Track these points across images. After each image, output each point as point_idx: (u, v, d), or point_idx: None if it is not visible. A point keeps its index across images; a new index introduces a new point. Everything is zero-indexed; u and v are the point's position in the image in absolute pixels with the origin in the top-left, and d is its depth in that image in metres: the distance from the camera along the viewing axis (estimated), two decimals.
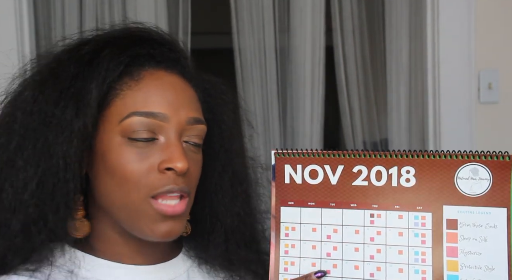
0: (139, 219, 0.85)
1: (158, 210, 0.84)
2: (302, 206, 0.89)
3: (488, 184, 0.84)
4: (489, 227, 0.83)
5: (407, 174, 0.87)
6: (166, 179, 0.84)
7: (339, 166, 0.89)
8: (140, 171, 0.84)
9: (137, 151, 0.84)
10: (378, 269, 0.86)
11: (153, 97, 0.85)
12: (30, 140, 0.83)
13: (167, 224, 0.86)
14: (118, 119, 0.84)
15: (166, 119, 0.85)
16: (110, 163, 0.84)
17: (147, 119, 0.84)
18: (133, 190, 0.84)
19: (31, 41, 2.17)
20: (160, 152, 0.84)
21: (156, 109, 0.85)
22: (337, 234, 0.88)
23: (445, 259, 0.84)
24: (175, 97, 0.87)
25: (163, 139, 0.85)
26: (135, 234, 0.88)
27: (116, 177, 0.84)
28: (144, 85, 0.86)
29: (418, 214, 0.86)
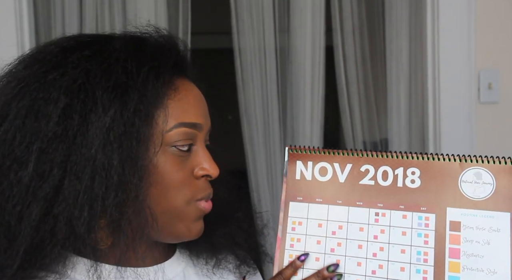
0: (180, 222, 0.88)
1: (201, 209, 0.90)
2: (310, 202, 0.91)
3: (492, 188, 0.85)
4: (492, 231, 0.84)
5: (412, 175, 0.88)
6: (203, 185, 0.90)
7: (348, 165, 0.91)
8: (183, 178, 0.87)
9: (179, 159, 0.87)
10: (380, 266, 0.87)
11: (192, 107, 0.88)
12: (110, 155, 0.80)
13: (200, 222, 0.91)
14: (163, 129, 0.85)
15: (201, 129, 0.90)
16: (155, 172, 0.84)
17: (190, 130, 0.87)
18: (177, 196, 0.87)
19: (31, 41, 2.17)
20: (194, 159, 0.89)
21: (196, 120, 0.88)
22: (342, 230, 0.89)
23: (447, 260, 0.85)
24: (203, 107, 0.92)
25: (196, 148, 0.90)
26: (164, 238, 0.90)
27: (160, 184, 0.85)
28: (183, 96, 0.88)
29: (422, 214, 0.87)
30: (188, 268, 0.98)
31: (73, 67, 0.82)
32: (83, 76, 0.81)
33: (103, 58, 0.83)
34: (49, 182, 0.79)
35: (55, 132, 0.79)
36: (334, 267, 0.88)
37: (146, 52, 0.86)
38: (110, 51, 0.85)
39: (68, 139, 0.79)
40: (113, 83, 0.81)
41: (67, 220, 0.79)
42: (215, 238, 0.99)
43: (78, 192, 0.79)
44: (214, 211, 0.97)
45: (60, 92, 0.80)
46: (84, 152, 0.79)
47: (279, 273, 0.90)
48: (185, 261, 0.98)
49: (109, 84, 0.81)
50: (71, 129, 0.79)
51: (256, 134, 2.38)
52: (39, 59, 0.86)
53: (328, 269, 0.88)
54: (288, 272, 0.90)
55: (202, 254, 0.99)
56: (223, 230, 1.00)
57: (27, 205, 0.79)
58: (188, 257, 0.99)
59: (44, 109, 0.80)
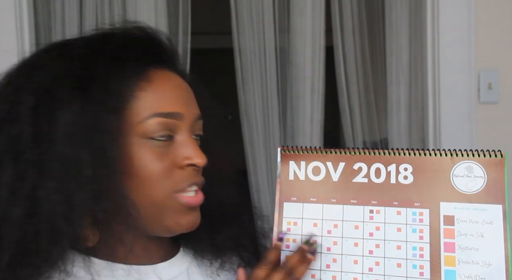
0: (165, 215, 0.87)
1: (184, 203, 0.87)
2: (304, 201, 0.91)
3: (483, 181, 0.86)
4: (485, 223, 0.85)
5: (405, 171, 0.89)
6: (187, 175, 0.88)
7: (341, 163, 0.91)
8: (162, 169, 0.86)
9: (157, 150, 0.86)
10: (376, 263, 0.87)
11: (169, 97, 0.87)
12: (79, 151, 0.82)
13: (191, 215, 0.89)
14: (137, 121, 0.85)
15: (182, 118, 0.88)
16: (132, 165, 0.85)
17: (167, 120, 0.86)
18: (157, 188, 0.85)
19: (31, 41, 2.17)
20: (178, 150, 0.87)
21: (174, 109, 0.87)
22: (337, 229, 0.90)
23: (443, 255, 0.85)
24: (185, 96, 0.90)
25: (179, 137, 0.88)
26: (156, 231, 0.89)
27: (139, 177, 0.85)
28: (158, 86, 0.87)
29: (416, 210, 0.87)
30: (192, 267, 0.98)
31: (41, 69, 0.86)
32: (48, 76, 0.84)
33: (66, 57, 0.86)
34: (28, 182, 0.80)
35: (27, 132, 0.81)
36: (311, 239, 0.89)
37: (111, 47, 0.87)
38: (74, 49, 0.87)
39: (39, 139, 0.81)
40: (74, 80, 0.83)
41: (48, 218, 0.80)
42: (220, 239, 0.98)
43: (52, 190, 0.80)
44: (219, 211, 0.98)
45: (29, 93, 0.83)
46: (54, 150, 0.81)
47: (264, 258, 0.89)
48: (189, 260, 0.98)
49: (70, 81, 0.83)
50: (41, 129, 0.81)
51: (256, 134, 2.38)
52: (18, 64, 0.90)
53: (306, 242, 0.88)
54: (272, 255, 0.89)
55: (207, 255, 0.99)
56: (228, 231, 0.99)
57: (10, 205, 0.80)
58: (192, 257, 0.99)
59: (17, 111, 0.83)
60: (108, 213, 0.83)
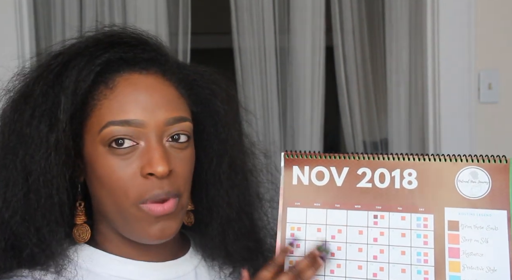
0: (133, 224, 0.86)
1: (149, 212, 0.85)
2: (308, 206, 0.91)
3: (488, 187, 0.86)
4: (490, 229, 0.85)
5: (409, 176, 0.88)
6: (151, 184, 0.84)
7: (345, 168, 0.91)
8: (125, 178, 0.84)
9: (120, 158, 0.84)
10: (381, 269, 0.87)
11: (127, 104, 0.85)
12: (11, 159, 0.86)
13: (160, 224, 0.86)
14: (97, 129, 0.85)
15: (142, 125, 0.84)
16: (98, 173, 0.86)
17: (123, 128, 0.84)
18: (121, 197, 0.85)
19: (31, 41, 2.17)
20: (141, 158, 0.85)
21: (131, 116, 0.84)
22: (341, 234, 0.89)
23: (447, 260, 0.85)
24: (150, 100, 0.86)
25: (143, 144, 0.85)
26: (132, 238, 0.89)
27: (105, 185, 0.85)
28: (119, 93, 0.86)
29: (420, 215, 0.87)
30: (200, 268, 0.98)
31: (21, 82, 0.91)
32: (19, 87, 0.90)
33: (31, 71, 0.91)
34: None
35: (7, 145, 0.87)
36: (322, 245, 0.88)
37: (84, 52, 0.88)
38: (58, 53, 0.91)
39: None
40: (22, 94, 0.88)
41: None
42: (233, 249, 0.98)
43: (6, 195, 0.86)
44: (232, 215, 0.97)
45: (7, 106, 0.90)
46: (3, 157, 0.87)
47: (271, 260, 0.88)
48: (197, 261, 0.99)
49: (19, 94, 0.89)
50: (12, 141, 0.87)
51: (256, 134, 2.37)
52: None
53: (319, 248, 0.87)
54: (280, 258, 0.88)
55: (218, 259, 0.99)
56: (244, 244, 0.99)
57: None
58: (201, 257, 0.99)
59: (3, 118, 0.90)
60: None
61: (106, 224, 0.91)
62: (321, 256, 0.87)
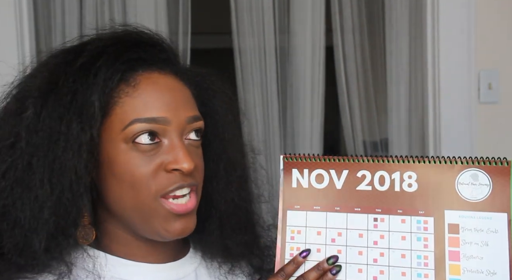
0: (152, 220, 0.87)
1: (170, 210, 0.86)
2: (308, 210, 0.91)
3: (488, 189, 0.86)
4: (490, 232, 0.84)
5: (409, 179, 0.88)
6: (174, 178, 0.86)
7: (344, 171, 0.91)
8: (147, 173, 0.85)
9: (143, 155, 0.86)
10: (381, 272, 0.86)
11: (152, 102, 0.87)
12: (40, 158, 0.83)
13: (181, 222, 0.88)
14: (120, 127, 0.86)
15: (167, 122, 0.87)
16: (118, 170, 0.86)
17: (149, 125, 0.86)
18: (143, 192, 0.86)
19: (31, 41, 2.16)
20: (165, 154, 0.86)
21: (157, 114, 0.86)
22: (341, 237, 0.89)
23: (447, 263, 0.85)
24: (173, 99, 0.88)
25: (167, 141, 0.87)
26: (148, 235, 0.90)
27: (125, 182, 0.86)
28: (142, 91, 0.87)
29: (421, 218, 0.87)
30: (200, 269, 0.98)
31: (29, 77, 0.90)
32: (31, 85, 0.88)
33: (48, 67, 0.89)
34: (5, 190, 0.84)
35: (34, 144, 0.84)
36: (334, 259, 0.88)
37: (87, 54, 0.88)
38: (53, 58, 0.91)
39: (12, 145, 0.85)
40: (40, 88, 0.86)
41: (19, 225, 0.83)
42: (231, 244, 0.98)
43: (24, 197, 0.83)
44: (230, 212, 0.98)
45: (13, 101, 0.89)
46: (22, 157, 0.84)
47: (280, 270, 0.89)
48: (198, 262, 0.99)
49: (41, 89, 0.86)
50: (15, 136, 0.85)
51: (256, 134, 2.37)
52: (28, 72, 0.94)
53: (328, 261, 0.88)
54: (290, 268, 0.89)
55: (216, 258, 0.99)
56: (242, 238, 0.99)
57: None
58: (201, 258, 1.00)
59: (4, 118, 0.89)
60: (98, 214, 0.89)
61: (116, 223, 0.91)
62: (333, 272, 0.87)
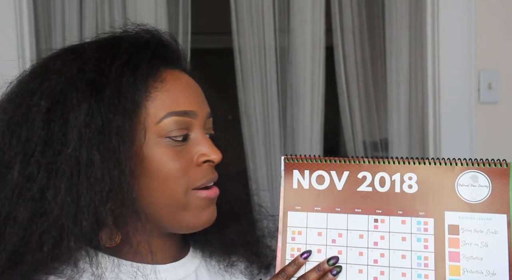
0: (185, 212, 0.89)
1: (205, 197, 0.90)
2: (309, 210, 0.91)
3: (488, 191, 0.86)
4: (490, 233, 0.85)
5: (409, 180, 0.88)
6: (204, 171, 0.90)
7: (345, 172, 0.91)
8: (180, 167, 0.88)
9: (175, 149, 0.88)
10: (381, 273, 0.87)
11: (182, 96, 0.90)
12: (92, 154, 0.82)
13: (210, 209, 0.92)
14: (153, 121, 0.87)
15: (196, 116, 0.90)
16: (151, 165, 0.87)
17: (182, 118, 0.88)
18: (177, 186, 0.87)
19: (31, 41, 2.17)
20: (194, 147, 0.90)
21: (188, 107, 0.89)
22: (341, 238, 0.89)
23: (448, 264, 0.85)
24: (196, 94, 0.92)
25: (194, 135, 0.90)
26: (176, 228, 0.91)
27: (159, 177, 0.87)
28: (170, 86, 0.89)
29: (421, 219, 0.87)
30: (200, 268, 0.99)
31: (53, 74, 0.87)
32: (61, 80, 0.85)
33: (79, 61, 0.87)
34: (36, 184, 0.82)
35: (39, 135, 0.83)
36: (334, 260, 0.88)
37: (122, 50, 0.88)
38: (86, 53, 0.89)
39: (51, 142, 0.82)
40: (86, 83, 0.84)
41: (56, 218, 0.81)
42: (227, 235, 1.00)
43: (62, 191, 0.81)
44: (228, 207, 0.99)
45: (41, 98, 0.84)
46: (65, 152, 0.82)
47: (281, 270, 0.89)
48: (198, 261, 0.99)
49: (83, 84, 0.84)
50: (54, 132, 0.83)
51: (256, 134, 2.38)
52: (30, 70, 0.92)
53: (329, 262, 0.88)
54: (291, 269, 0.89)
55: (215, 254, 1.01)
56: (235, 228, 1.01)
57: (15, 206, 0.82)
58: (201, 257, 1.00)
59: (29, 115, 0.84)
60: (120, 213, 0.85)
61: (129, 222, 0.88)
62: (333, 273, 0.87)
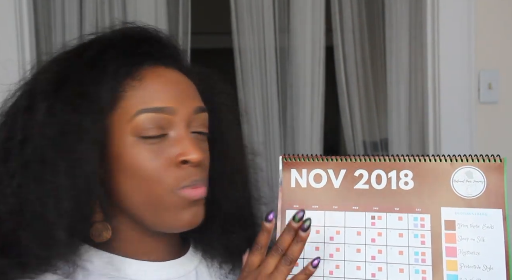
0: (165, 212, 0.87)
1: (186, 197, 0.87)
2: (307, 209, 0.91)
3: (483, 186, 0.87)
4: (486, 228, 0.85)
5: (405, 177, 0.89)
6: (185, 173, 0.87)
7: (342, 170, 0.92)
8: (158, 166, 0.86)
9: (151, 148, 0.86)
10: (379, 269, 0.87)
11: (158, 93, 0.88)
12: (54, 152, 0.84)
13: (192, 210, 0.89)
14: (127, 119, 0.86)
15: (174, 112, 0.87)
16: (127, 164, 0.86)
17: (156, 115, 0.86)
18: (155, 186, 0.86)
19: (31, 41, 2.17)
20: (173, 146, 0.87)
21: (163, 103, 0.87)
22: (339, 235, 0.90)
23: (445, 259, 0.85)
24: (178, 90, 0.90)
25: (174, 133, 0.87)
26: (158, 228, 0.90)
27: (136, 176, 0.86)
28: (148, 83, 0.88)
29: (417, 215, 0.88)
30: (201, 267, 0.98)
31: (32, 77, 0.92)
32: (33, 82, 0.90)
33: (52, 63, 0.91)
34: (14, 182, 0.84)
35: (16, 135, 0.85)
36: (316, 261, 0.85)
37: (90, 50, 0.89)
38: (59, 55, 0.92)
39: (24, 141, 0.85)
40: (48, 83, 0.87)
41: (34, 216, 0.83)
42: (231, 241, 0.98)
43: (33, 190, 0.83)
44: (233, 212, 0.98)
45: (23, 98, 0.89)
46: (30, 151, 0.84)
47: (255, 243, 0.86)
48: (198, 260, 0.99)
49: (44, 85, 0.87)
50: (26, 131, 0.85)
51: (256, 134, 2.38)
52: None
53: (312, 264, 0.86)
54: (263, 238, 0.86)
55: (217, 258, 0.99)
56: (241, 233, 0.99)
57: None
58: (201, 257, 1.00)
59: (14, 115, 0.88)
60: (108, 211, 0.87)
61: (121, 220, 0.90)
62: (303, 229, 0.84)
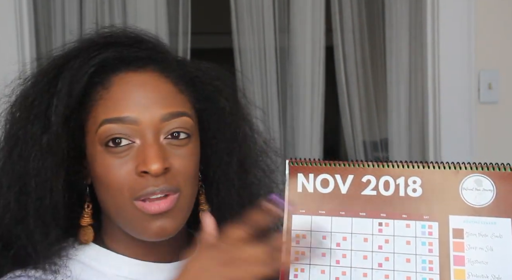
0: (131, 221, 0.87)
1: (143, 210, 0.84)
2: (313, 214, 0.90)
3: (492, 195, 0.85)
4: (494, 237, 0.84)
5: (413, 184, 0.88)
6: (145, 182, 0.84)
7: (349, 176, 0.90)
8: (120, 176, 0.84)
9: (116, 157, 0.85)
10: (386, 276, 0.86)
11: (121, 102, 0.86)
12: (6, 161, 0.88)
13: (159, 221, 0.85)
14: (94, 129, 0.86)
15: (136, 122, 0.85)
16: (96, 172, 0.87)
17: (117, 125, 0.85)
18: (117, 195, 0.85)
19: (31, 42, 2.17)
20: (136, 156, 0.84)
21: (123, 113, 0.85)
22: (346, 242, 0.88)
23: (452, 268, 0.85)
24: (144, 97, 0.86)
25: (139, 142, 0.85)
26: (134, 235, 0.89)
27: (103, 184, 0.87)
28: (114, 92, 0.87)
29: (425, 223, 0.87)
30: None
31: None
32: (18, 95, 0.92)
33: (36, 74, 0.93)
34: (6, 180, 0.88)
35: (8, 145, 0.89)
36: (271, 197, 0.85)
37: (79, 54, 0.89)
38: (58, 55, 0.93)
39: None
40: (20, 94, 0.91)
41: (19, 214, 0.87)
42: None
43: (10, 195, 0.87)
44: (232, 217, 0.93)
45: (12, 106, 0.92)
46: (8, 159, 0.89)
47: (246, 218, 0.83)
48: None
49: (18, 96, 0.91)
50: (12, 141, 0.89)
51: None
52: None
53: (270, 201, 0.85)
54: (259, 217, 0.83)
55: None
56: None
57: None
58: None
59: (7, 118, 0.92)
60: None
61: (111, 223, 0.92)
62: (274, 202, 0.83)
